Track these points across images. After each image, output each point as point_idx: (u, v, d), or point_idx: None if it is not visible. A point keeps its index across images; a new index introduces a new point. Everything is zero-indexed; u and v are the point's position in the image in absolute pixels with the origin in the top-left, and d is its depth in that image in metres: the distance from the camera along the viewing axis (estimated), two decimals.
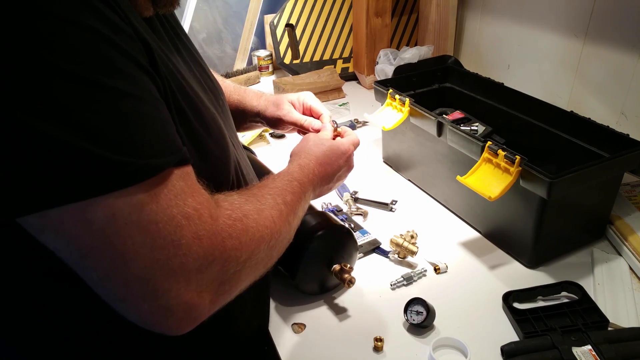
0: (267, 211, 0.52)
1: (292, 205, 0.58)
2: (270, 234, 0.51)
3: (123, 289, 0.40)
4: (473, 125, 1.09)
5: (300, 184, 0.62)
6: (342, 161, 0.71)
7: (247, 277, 0.49)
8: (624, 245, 0.86)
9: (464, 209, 0.97)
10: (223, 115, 0.63)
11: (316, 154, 0.69)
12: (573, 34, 1.21)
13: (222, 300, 0.47)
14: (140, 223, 0.39)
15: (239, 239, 0.46)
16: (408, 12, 1.69)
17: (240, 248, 0.46)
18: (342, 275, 0.75)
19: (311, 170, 0.66)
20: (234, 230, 0.46)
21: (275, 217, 0.53)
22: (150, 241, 0.39)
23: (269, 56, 1.76)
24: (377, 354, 0.70)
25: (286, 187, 0.59)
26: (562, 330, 0.69)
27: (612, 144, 0.85)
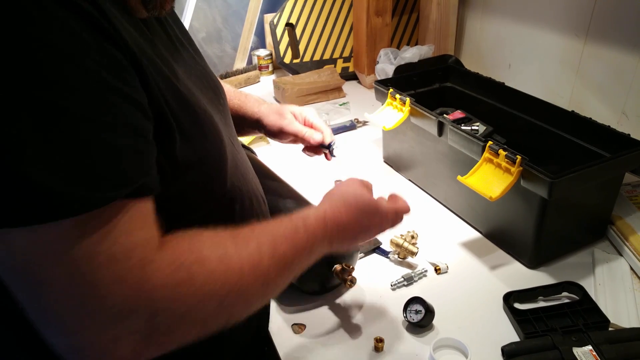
0: (236, 261, 0.46)
1: (283, 260, 0.50)
2: (228, 291, 0.45)
3: (40, 318, 0.39)
4: (474, 125, 1.09)
5: (309, 236, 0.54)
6: (375, 221, 0.63)
7: (188, 333, 0.44)
8: (624, 246, 0.86)
9: (465, 209, 0.97)
10: (223, 115, 0.63)
11: (350, 204, 0.61)
12: (574, 34, 1.21)
13: (153, 353, 0.42)
14: (60, 257, 0.37)
15: (176, 289, 0.41)
16: (409, 12, 1.68)
17: (176, 300, 0.41)
18: (343, 275, 0.75)
19: (335, 222, 0.58)
20: (171, 280, 0.41)
21: (245, 270, 0.46)
22: (67, 277, 0.37)
23: (269, 55, 1.76)
24: (377, 354, 0.70)
25: (287, 237, 0.52)
26: (563, 331, 0.69)
27: (613, 144, 0.85)
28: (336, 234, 0.58)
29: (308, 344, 0.72)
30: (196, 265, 0.43)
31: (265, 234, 0.51)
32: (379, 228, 0.65)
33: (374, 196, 0.66)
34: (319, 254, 0.57)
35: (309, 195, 0.86)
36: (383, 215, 0.65)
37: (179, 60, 0.56)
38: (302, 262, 0.54)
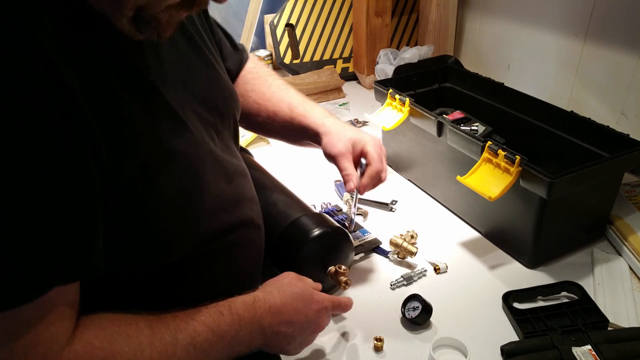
0: (147, 355, 0.45)
1: (200, 349, 0.49)
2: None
3: None
4: (473, 125, 1.09)
5: (234, 321, 0.53)
6: (311, 312, 0.60)
7: None
8: (624, 245, 0.86)
9: (464, 209, 0.97)
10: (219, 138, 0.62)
11: (284, 291, 0.60)
12: (573, 34, 1.21)
13: None
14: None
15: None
16: (408, 12, 1.69)
17: None
18: (337, 277, 0.74)
19: (267, 305, 0.56)
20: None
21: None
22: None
23: (269, 56, 1.76)
24: (377, 354, 0.70)
25: (208, 324, 0.51)
26: (562, 330, 0.69)
27: (612, 144, 0.85)
28: (269, 318, 0.56)
29: None
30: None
31: (186, 321, 0.50)
32: (318, 317, 0.62)
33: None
34: (247, 343, 0.55)
35: (309, 195, 0.86)
36: (320, 303, 0.62)
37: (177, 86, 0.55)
38: (223, 350, 0.52)
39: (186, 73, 0.58)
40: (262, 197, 0.74)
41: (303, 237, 0.73)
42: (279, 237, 0.75)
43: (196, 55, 0.62)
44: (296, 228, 0.75)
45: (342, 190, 1.07)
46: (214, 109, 0.62)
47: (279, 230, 0.75)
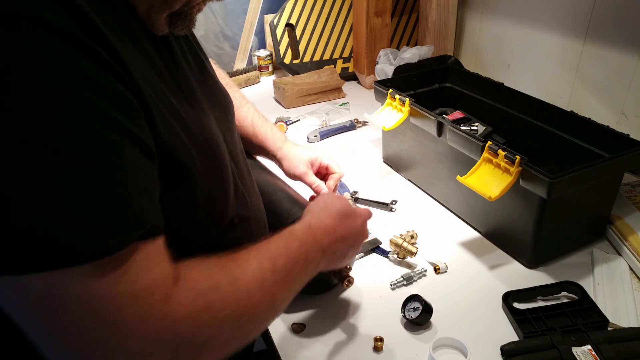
0: (244, 282, 0.47)
1: (283, 272, 0.52)
2: (241, 311, 0.46)
3: (60, 357, 0.39)
4: (473, 125, 1.09)
5: (302, 245, 0.56)
6: (357, 224, 0.66)
7: (210, 358, 0.45)
8: (624, 245, 0.86)
9: (464, 209, 0.97)
10: (229, 133, 0.63)
11: (331, 211, 0.63)
12: (573, 34, 1.21)
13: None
14: (81, 299, 0.37)
15: (197, 318, 0.42)
16: (408, 12, 1.69)
17: (198, 328, 0.42)
18: (340, 275, 0.75)
19: (321, 228, 0.60)
20: (192, 309, 0.42)
21: (253, 290, 0.48)
22: (90, 319, 0.37)
23: (269, 56, 1.76)
24: (377, 354, 0.70)
25: (281, 250, 0.53)
26: (562, 330, 0.69)
27: (612, 144, 0.85)
28: (327, 240, 0.60)
29: (308, 343, 0.72)
30: (211, 291, 0.44)
31: (261, 251, 0.52)
32: (363, 228, 0.67)
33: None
34: (316, 264, 0.58)
35: (309, 195, 0.87)
36: (362, 215, 0.68)
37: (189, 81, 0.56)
38: (300, 273, 0.55)
39: (192, 67, 0.58)
40: (266, 196, 0.74)
41: None
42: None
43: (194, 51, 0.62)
44: None
45: (341, 190, 1.07)
46: (219, 104, 0.62)
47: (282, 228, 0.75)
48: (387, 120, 1.06)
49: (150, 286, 0.40)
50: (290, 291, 0.54)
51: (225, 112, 0.64)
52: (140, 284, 0.39)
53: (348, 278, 0.74)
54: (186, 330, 0.41)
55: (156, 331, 0.40)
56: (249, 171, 0.69)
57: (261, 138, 0.88)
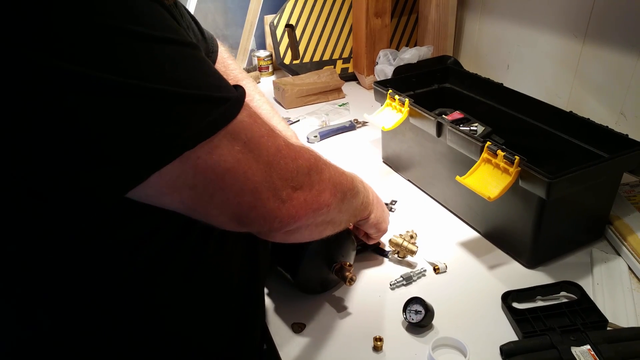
0: (332, 170, 0.58)
1: (352, 180, 0.64)
2: (339, 178, 0.59)
3: (251, 200, 0.45)
4: (472, 125, 1.09)
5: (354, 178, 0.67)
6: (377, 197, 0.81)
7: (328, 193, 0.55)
8: (623, 246, 0.86)
9: (464, 209, 0.98)
10: None
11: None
12: (572, 34, 1.21)
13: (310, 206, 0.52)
14: (261, 138, 0.45)
15: (316, 159, 0.54)
16: (408, 13, 1.69)
17: (317, 164, 0.54)
18: (343, 273, 0.75)
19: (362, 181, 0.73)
20: (312, 153, 0.54)
21: (344, 174, 0.61)
22: (274, 150, 0.46)
23: (269, 56, 1.76)
24: (376, 354, 0.70)
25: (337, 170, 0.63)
26: (561, 330, 0.69)
27: (611, 144, 0.85)
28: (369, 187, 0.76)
29: (307, 343, 0.72)
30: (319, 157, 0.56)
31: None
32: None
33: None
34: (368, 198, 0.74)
35: None
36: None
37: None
38: (361, 192, 0.69)
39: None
40: None
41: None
42: None
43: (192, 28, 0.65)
44: None
45: None
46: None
47: None
48: (387, 121, 1.06)
49: (273, 131, 0.48)
50: (349, 208, 0.65)
51: None
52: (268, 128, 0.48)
53: (351, 277, 0.74)
54: (315, 161, 0.54)
55: (306, 159, 0.51)
56: None
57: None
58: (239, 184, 0.44)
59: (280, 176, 0.47)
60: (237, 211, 0.45)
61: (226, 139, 0.42)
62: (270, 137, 0.47)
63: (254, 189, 0.45)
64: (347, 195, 0.61)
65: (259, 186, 0.45)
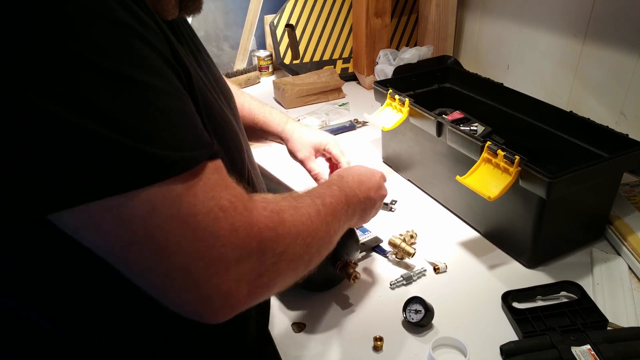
0: (304, 209, 0.53)
1: (331, 208, 0.58)
2: (307, 231, 0.51)
3: (165, 280, 0.41)
4: (472, 125, 1.09)
5: (340, 188, 0.62)
6: (376, 178, 0.73)
7: (285, 271, 0.49)
8: (623, 245, 0.86)
9: (464, 209, 0.98)
10: (236, 120, 0.64)
11: (352, 170, 0.72)
12: (572, 34, 1.21)
13: (260, 293, 0.47)
14: (180, 216, 0.39)
15: (275, 230, 0.47)
16: (408, 13, 1.69)
17: (276, 240, 0.46)
18: (347, 271, 0.75)
19: (351, 179, 0.67)
20: (270, 222, 0.46)
21: (312, 215, 0.53)
22: (190, 233, 0.40)
23: (269, 56, 1.76)
24: (376, 354, 0.70)
25: (325, 191, 0.59)
26: (561, 330, 0.69)
27: (612, 144, 0.85)
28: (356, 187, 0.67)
29: (308, 343, 0.72)
30: (281, 212, 0.49)
31: (309, 192, 0.58)
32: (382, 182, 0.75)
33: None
34: (355, 206, 0.65)
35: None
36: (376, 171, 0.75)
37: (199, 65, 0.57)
38: (344, 210, 0.61)
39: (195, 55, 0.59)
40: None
41: None
42: None
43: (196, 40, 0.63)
44: None
45: None
46: (225, 91, 0.63)
47: None
48: (387, 121, 1.06)
49: (234, 199, 0.43)
50: (339, 227, 0.60)
51: (229, 100, 0.64)
52: (225, 197, 0.43)
53: (354, 274, 0.74)
54: (268, 239, 0.46)
55: (245, 238, 0.43)
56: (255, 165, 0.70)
57: (261, 123, 0.89)
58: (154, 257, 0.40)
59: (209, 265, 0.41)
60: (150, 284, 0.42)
61: (142, 203, 0.37)
62: (215, 219, 0.41)
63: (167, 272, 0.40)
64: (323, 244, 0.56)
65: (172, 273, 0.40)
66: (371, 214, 0.72)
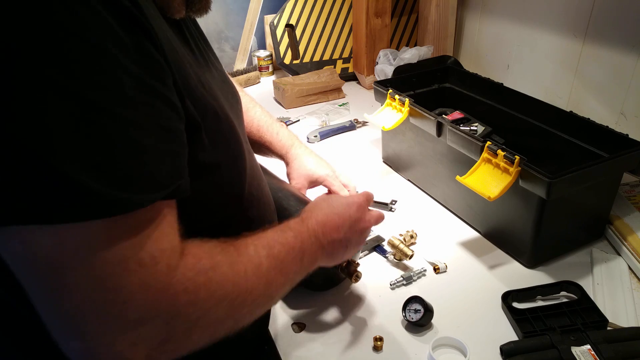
0: (241, 265, 0.48)
1: (278, 260, 0.52)
2: (237, 292, 0.46)
3: (55, 321, 0.38)
4: (472, 125, 1.09)
5: (297, 235, 0.56)
6: (352, 211, 0.64)
7: (199, 338, 0.45)
8: (623, 245, 0.86)
9: (464, 209, 0.98)
10: (240, 121, 0.63)
11: (322, 205, 0.63)
12: (572, 34, 1.21)
13: (165, 359, 0.42)
14: (87, 259, 0.36)
15: (195, 294, 0.42)
16: (408, 13, 1.69)
17: (194, 304, 0.42)
18: (348, 270, 0.75)
19: (314, 221, 0.60)
20: (192, 284, 0.42)
21: (249, 273, 0.48)
22: (92, 281, 0.37)
23: (269, 56, 1.76)
24: (376, 354, 0.70)
25: (277, 238, 0.54)
26: (561, 330, 0.69)
27: (612, 144, 0.85)
28: (320, 229, 0.59)
29: (308, 343, 0.72)
30: (212, 270, 0.45)
31: (258, 238, 0.52)
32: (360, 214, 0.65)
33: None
34: (312, 255, 0.58)
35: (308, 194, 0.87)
36: (355, 202, 0.65)
37: (205, 65, 0.56)
38: (295, 261, 0.55)
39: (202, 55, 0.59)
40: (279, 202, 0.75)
41: None
42: None
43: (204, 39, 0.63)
44: None
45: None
46: (230, 92, 0.63)
47: None
48: (387, 121, 1.06)
49: (156, 255, 0.40)
50: (286, 280, 0.54)
51: (236, 101, 0.64)
52: (147, 251, 0.39)
53: (356, 273, 0.74)
54: (184, 304, 0.42)
55: (155, 300, 0.39)
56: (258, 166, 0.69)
57: (267, 143, 0.89)
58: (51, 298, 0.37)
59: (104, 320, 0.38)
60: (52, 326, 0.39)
61: (51, 236, 0.35)
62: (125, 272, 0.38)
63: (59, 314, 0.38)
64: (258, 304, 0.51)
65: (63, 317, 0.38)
66: (346, 253, 0.64)
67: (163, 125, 0.40)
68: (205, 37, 0.64)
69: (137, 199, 0.38)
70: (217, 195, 0.54)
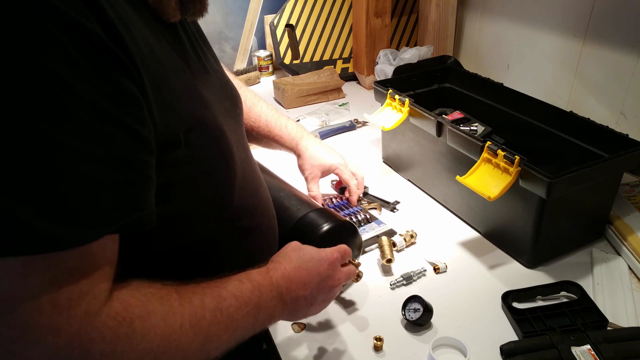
0: (178, 317, 0.45)
1: (225, 316, 0.49)
2: (165, 347, 0.43)
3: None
4: (472, 125, 1.09)
5: (255, 288, 0.53)
6: (322, 268, 0.60)
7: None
8: (623, 245, 0.86)
9: (464, 209, 0.98)
10: (237, 125, 0.63)
11: (292, 257, 0.60)
12: (572, 34, 1.21)
13: None
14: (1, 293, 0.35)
15: (113, 344, 0.39)
16: (408, 13, 1.69)
17: (110, 355, 0.39)
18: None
19: (280, 274, 0.56)
20: (111, 334, 0.40)
21: (185, 326, 0.45)
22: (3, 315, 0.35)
23: (269, 56, 1.76)
24: (376, 354, 0.70)
25: (232, 290, 0.51)
26: (562, 330, 0.69)
27: (612, 144, 0.85)
28: (284, 284, 0.56)
29: (307, 342, 0.72)
30: (139, 320, 0.42)
31: (210, 287, 0.50)
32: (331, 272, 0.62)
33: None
34: (271, 309, 0.55)
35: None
36: (328, 257, 0.62)
37: (201, 68, 0.56)
38: (248, 316, 0.51)
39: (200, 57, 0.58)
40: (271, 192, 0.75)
41: (313, 232, 0.74)
42: (289, 233, 0.75)
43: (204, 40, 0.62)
44: (305, 224, 0.76)
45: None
46: (228, 95, 0.62)
47: (288, 227, 0.76)
48: (387, 121, 1.06)
49: (73, 299, 0.38)
50: (231, 337, 0.50)
51: (234, 104, 0.64)
52: (64, 294, 0.37)
53: (358, 273, 0.74)
54: (99, 353, 0.39)
55: (66, 346, 0.37)
56: (256, 171, 0.69)
57: (277, 137, 0.90)
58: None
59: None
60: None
61: None
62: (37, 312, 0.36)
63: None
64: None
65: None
66: (309, 311, 0.61)
67: (119, 156, 0.38)
68: (204, 38, 0.63)
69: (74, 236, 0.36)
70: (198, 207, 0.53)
